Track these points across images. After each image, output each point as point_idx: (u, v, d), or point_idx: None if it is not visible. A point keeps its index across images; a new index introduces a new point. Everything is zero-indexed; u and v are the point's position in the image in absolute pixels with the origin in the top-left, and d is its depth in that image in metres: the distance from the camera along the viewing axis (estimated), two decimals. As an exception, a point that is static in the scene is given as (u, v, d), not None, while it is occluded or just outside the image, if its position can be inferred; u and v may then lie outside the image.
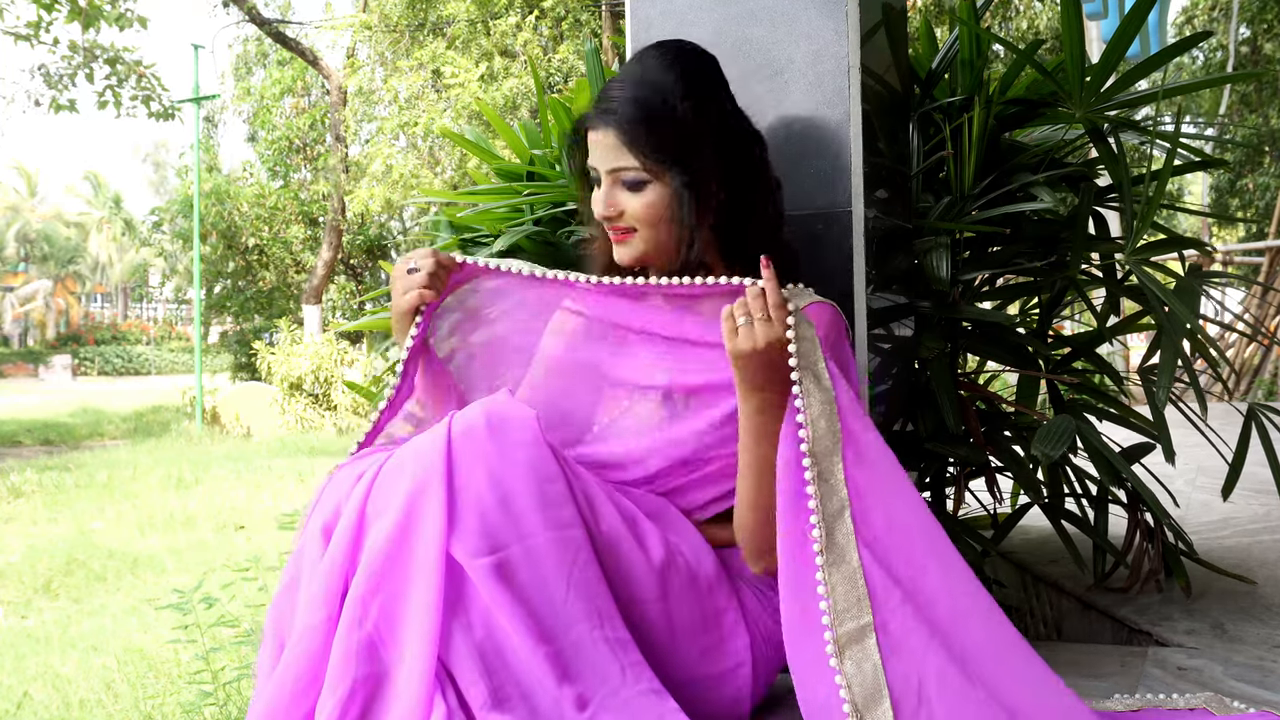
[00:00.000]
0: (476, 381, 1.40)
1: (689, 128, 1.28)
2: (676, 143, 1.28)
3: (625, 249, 1.33)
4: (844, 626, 1.08)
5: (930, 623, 1.09)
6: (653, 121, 1.27)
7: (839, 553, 1.10)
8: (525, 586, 1.07)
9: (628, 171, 1.28)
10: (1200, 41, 1.87)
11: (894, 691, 1.06)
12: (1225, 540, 2.32)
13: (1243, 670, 1.45)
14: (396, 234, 19.55)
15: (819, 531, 1.10)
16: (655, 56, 1.32)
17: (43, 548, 5.43)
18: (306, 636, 1.08)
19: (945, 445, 1.70)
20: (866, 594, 1.09)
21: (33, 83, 11.01)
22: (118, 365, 36.54)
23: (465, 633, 1.06)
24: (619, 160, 1.28)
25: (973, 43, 1.75)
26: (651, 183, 1.28)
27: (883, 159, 1.62)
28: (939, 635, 1.09)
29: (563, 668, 1.07)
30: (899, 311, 1.69)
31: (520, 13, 13.44)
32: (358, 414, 11.96)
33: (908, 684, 1.07)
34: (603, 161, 1.30)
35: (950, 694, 1.07)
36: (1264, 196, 13.54)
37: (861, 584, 1.10)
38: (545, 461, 1.13)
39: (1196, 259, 3.01)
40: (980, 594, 1.14)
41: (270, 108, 18.70)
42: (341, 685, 1.03)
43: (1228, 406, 4.82)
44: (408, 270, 1.31)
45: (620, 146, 1.27)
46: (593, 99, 1.35)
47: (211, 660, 2.42)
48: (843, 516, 1.11)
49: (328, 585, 1.09)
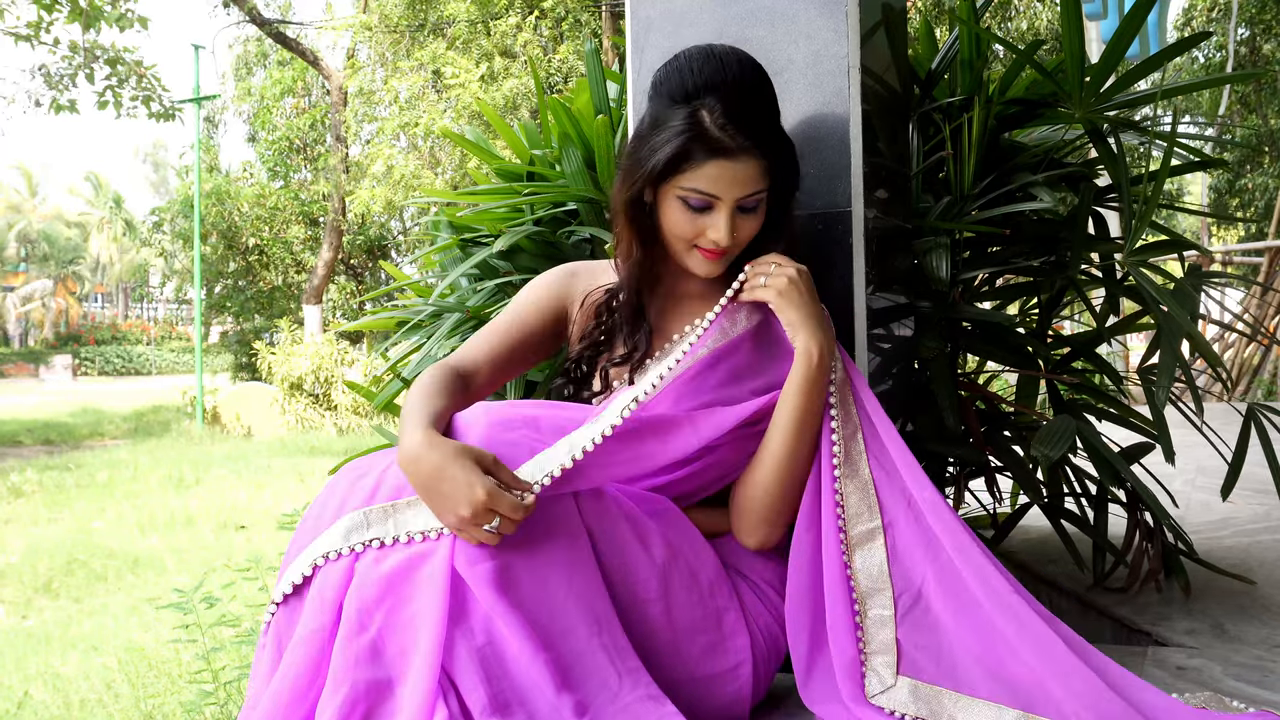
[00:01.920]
0: None
1: (789, 141, 1.32)
2: (792, 160, 1.31)
3: (718, 265, 1.31)
4: (856, 529, 1.24)
5: (932, 542, 1.21)
6: (782, 146, 1.28)
7: (853, 466, 1.26)
8: (524, 593, 1.08)
9: (755, 195, 1.27)
10: (1200, 42, 1.87)
11: (895, 585, 1.22)
12: (1225, 540, 2.32)
13: (1242, 670, 1.46)
14: (397, 234, 19.56)
15: (838, 448, 1.25)
16: (742, 71, 1.27)
17: (43, 548, 5.43)
18: (307, 641, 1.08)
19: (945, 445, 1.70)
20: (877, 502, 1.24)
21: (33, 83, 11.03)
22: (118, 365, 36.54)
23: (467, 639, 1.06)
24: (752, 187, 1.26)
25: (973, 43, 1.75)
26: (762, 201, 1.29)
27: (883, 159, 1.62)
28: (942, 554, 1.20)
29: (562, 674, 1.07)
30: (899, 311, 1.69)
31: (520, 13, 13.45)
32: (358, 414, 11.97)
33: (909, 583, 1.21)
34: (733, 191, 1.25)
35: (950, 601, 1.19)
36: (1264, 196, 13.54)
37: (873, 494, 1.25)
38: None
39: (1196, 259, 3.02)
40: (978, 544, 1.23)
41: (270, 108, 18.71)
42: (342, 690, 1.03)
43: (1227, 406, 4.82)
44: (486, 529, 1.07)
45: (759, 175, 1.25)
46: (664, 116, 1.25)
47: (212, 660, 2.43)
48: (856, 438, 1.27)
49: (331, 591, 1.09)
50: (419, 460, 1.08)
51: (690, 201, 1.26)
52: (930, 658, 1.20)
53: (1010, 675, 1.16)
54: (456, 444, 1.09)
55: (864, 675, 1.19)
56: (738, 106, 1.23)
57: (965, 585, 1.20)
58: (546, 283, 1.45)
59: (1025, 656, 1.15)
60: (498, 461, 1.09)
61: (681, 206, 1.27)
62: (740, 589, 1.29)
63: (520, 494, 1.07)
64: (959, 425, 1.69)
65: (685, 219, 1.27)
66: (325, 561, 1.10)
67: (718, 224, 1.26)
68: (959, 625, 1.19)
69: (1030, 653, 1.15)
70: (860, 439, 1.27)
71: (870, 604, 1.21)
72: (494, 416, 1.16)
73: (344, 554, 1.10)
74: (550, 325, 1.43)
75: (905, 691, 1.17)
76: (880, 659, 1.19)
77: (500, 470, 1.08)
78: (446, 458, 1.07)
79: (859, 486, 1.25)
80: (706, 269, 1.31)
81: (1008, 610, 1.17)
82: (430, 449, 1.08)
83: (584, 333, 1.42)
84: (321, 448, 9.98)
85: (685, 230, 1.28)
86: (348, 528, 1.11)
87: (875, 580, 1.22)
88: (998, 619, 1.17)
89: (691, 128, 1.23)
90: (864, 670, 1.19)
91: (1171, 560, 1.85)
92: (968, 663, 1.18)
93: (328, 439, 10.90)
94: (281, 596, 1.13)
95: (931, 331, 1.69)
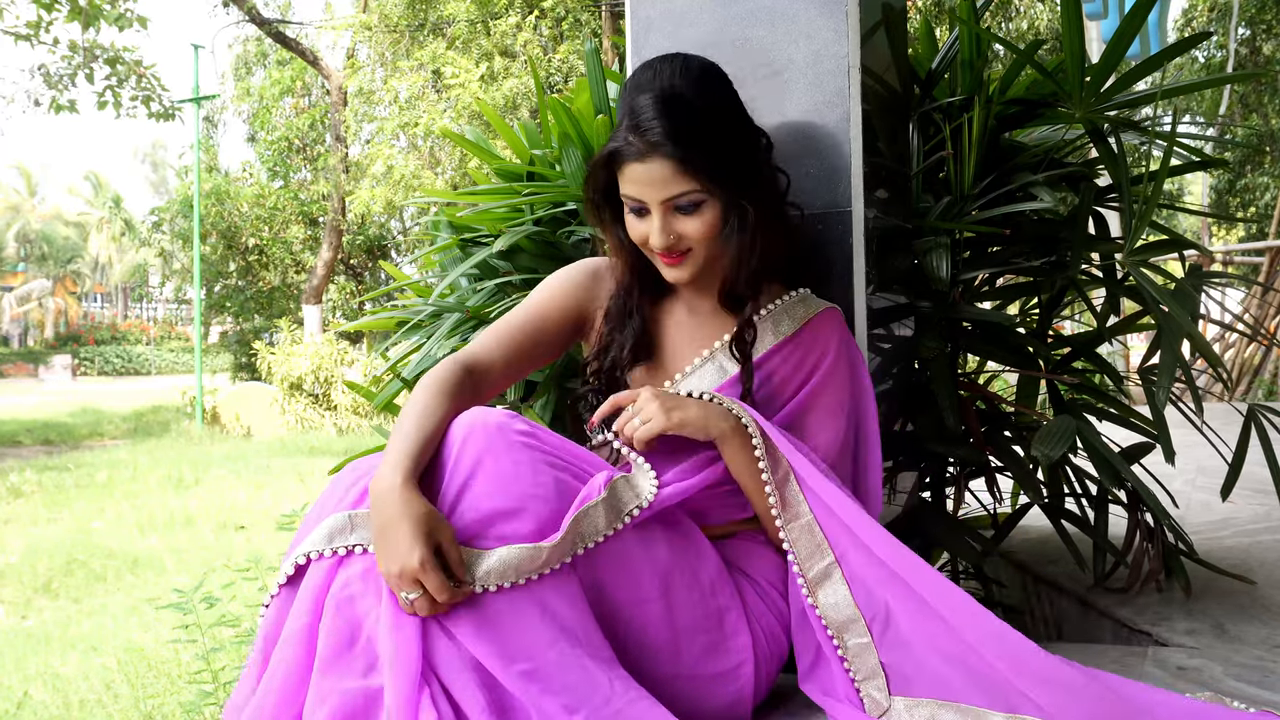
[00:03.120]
0: None
1: (733, 139, 1.30)
2: (727, 157, 1.28)
3: (680, 270, 1.32)
4: (812, 570, 1.25)
5: (883, 564, 1.21)
6: (702, 142, 1.25)
7: (793, 511, 1.27)
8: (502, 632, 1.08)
9: (684, 196, 1.26)
10: (1200, 42, 1.87)
11: (865, 613, 1.23)
12: (1225, 540, 2.32)
13: (1243, 670, 1.45)
14: (397, 234, 19.55)
15: (773, 498, 1.26)
16: (673, 73, 1.28)
17: (43, 548, 5.43)
18: (293, 640, 1.08)
19: (945, 445, 1.70)
20: (824, 539, 1.25)
21: (33, 83, 11.03)
22: (118, 365, 36.54)
23: (458, 646, 1.06)
24: (674, 188, 1.26)
25: (973, 43, 1.75)
26: (706, 201, 1.27)
27: (883, 159, 1.62)
28: (895, 576, 1.21)
29: (543, 683, 1.06)
30: (899, 311, 1.69)
31: (520, 13, 13.45)
32: (358, 414, 11.97)
33: (874, 608, 1.22)
34: (654, 193, 1.26)
35: (913, 618, 1.19)
36: (1264, 196, 13.54)
37: (819, 532, 1.25)
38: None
39: (1196, 259, 3.02)
40: (918, 559, 1.23)
41: (270, 108, 18.70)
42: (329, 701, 1.04)
43: (1227, 406, 4.81)
44: (405, 596, 1.07)
45: (674, 175, 1.25)
46: (615, 126, 1.29)
47: (212, 660, 2.43)
48: (789, 481, 1.27)
49: (315, 592, 1.10)
50: (380, 501, 1.08)
51: (631, 207, 1.30)
52: (915, 672, 1.20)
53: (986, 679, 1.15)
54: (419, 506, 1.07)
55: (861, 703, 1.21)
56: (652, 111, 1.24)
57: (922, 599, 1.20)
58: (570, 280, 1.43)
59: (993, 659, 1.15)
60: (454, 541, 1.07)
61: (631, 216, 1.31)
62: (743, 589, 1.28)
63: (456, 582, 1.06)
64: (959, 425, 1.69)
65: (634, 225, 1.31)
66: (307, 561, 1.11)
67: (652, 227, 1.28)
68: (930, 637, 1.19)
69: (995, 655, 1.15)
70: (793, 481, 1.27)
71: (848, 635, 1.23)
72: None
73: (326, 555, 1.10)
74: (570, 325, 1.42)
75: (901, 710, 1.18)
76: (872, 684, 1.21)
77: (451, 549, 1.06)
78: (403, 514, 1.06)
79: (803, 528, 1.26)
80: (673, 275, 1.33)
81: (964, 613, 1.17)
82: (393, 494, 1.07)
83: (601, 338, 1.42)
84: (321, 448, 9.98)
85: (637, 236, 1.31)
86: (331, 530, 1.11)
87: (843, 612, 1.23)
88: (957, 624, 1.18)
89: (614, 137, 1.27)
90: (860, 698, 1.21)
91: (1172, 560, 1.85)
92: (945, 671, 1.18)
93: (327, 439, 10.90)
94: (269, 597, 1.15)
95: (931, 331, 1.69)
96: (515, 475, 1.11)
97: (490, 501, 1.10)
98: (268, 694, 1.07)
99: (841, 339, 1.38)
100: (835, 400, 1.36)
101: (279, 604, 1.13)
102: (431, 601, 1.04)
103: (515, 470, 1.11)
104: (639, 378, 1.39)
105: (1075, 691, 1.10)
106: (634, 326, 1.38)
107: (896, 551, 1.22)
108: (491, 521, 1.09)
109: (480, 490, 1.10)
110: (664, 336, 1.41)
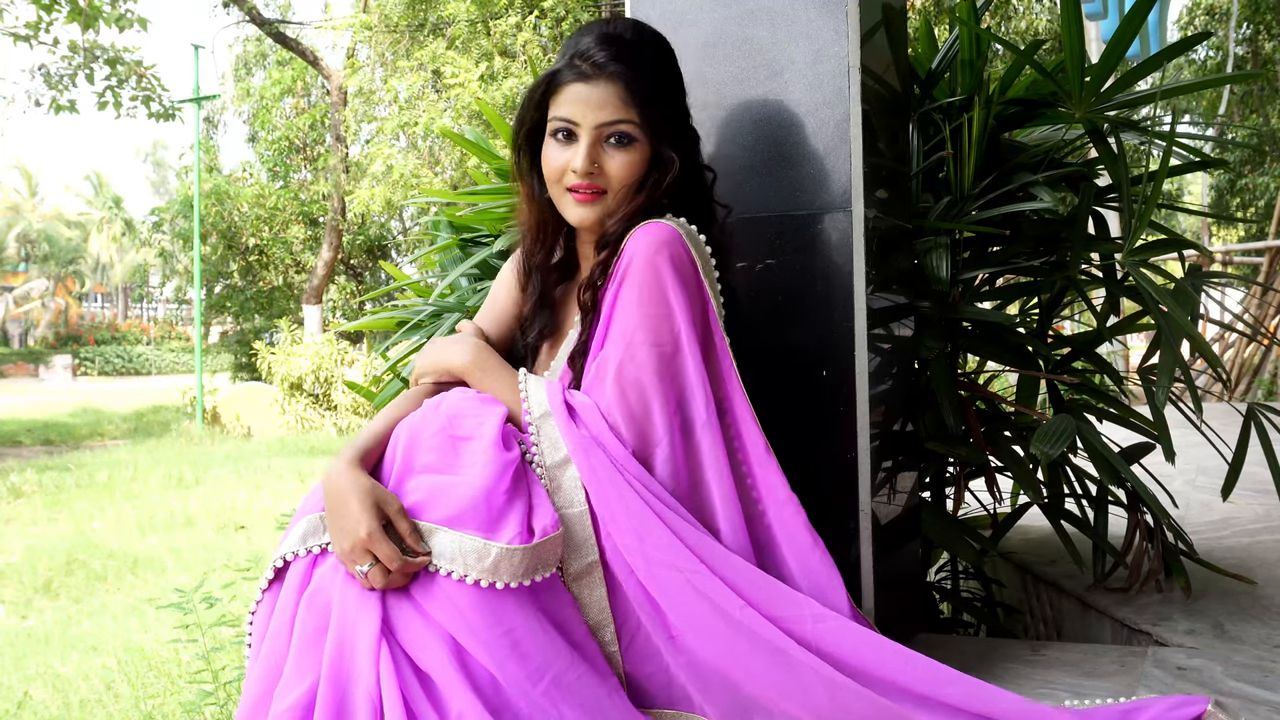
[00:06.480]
0: None
1: (676, 94, 1.33)
2: (666, 109, 1.30)
3: (588, 210, 1.30)
4: (573, 566, 1.18)
5: (650, 561, 1.16)
6: (648, 81, 1.28)
7: (566, 497, 1.18)
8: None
9: (620, 125, 1.27)
10: (1200, 42, 1.87)
11: (617, 618, 1.18)
12: (1225, 540, 2.32)
13: (1242, 670, 1.45)
14: (396, 234, 19.56)
15: (546, 481, 1.18)
16: (624, 27, 1.31)
17: (43, 548, 5.43)
18: (274, 637, 1.11)
19: (945, 445, 1.70)
20: (592, 534, 1.17)
21: (33, 83, 11.01)
22: (118, 365, 36.52)
23: (409, 600, 1.10)
24: (615, 114, 1.27)
25: (973, 43, 1.75)
26: (637, 142, 1.29)
27: (883, 159, 1.62)
28: (669, 578, 1.15)
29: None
30: (899, 311, 1.69)
31: (520, 13, 13.44)
32: (358, 414, 11.97)
33: (628, 615, 1.17)
34: (591, 115, 1.27)
35: (683, 624, 1.15)
36: (1264, 196, 13.54)
37: (588, 524, 1.17)
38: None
39: (1196, 259, 3.01)
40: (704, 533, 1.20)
41: (270, 108, 18.70)
42: (293, 692, 1.06)
43: (1227, 406, 4.82)
44: (358, 568, 1.10)
45: (619, 101, 1.26)
46: (581, 49, 1.28)
47: (212, 660, 2.43)
48: (566, 466, 1.19)
49: (292, 593, 1.13)
50: (330, 486, 1.13)
51: (558, 134, 1.29)
52: (659, 685, 1.19)
53: (745, 687, 1.15)
54: (364, 480, 1.11)
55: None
56: (603, 42, 1.27)
57: (701, 605, 1.16)
58: (510, 261, 1.49)
59: (756, 668, 1.14)
60: (402, 511, 1.10)
61: (553, 144, 1.30)
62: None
63: (414, 553, 1.08)
64: (959, 425, 1.69)
65: (556, 153, 1.30)
66: (285, 564, 1.15)
67: (577, 151, 1.28)
68: (699, 645, 1.17)
69: (763, 663, 1.14)
70: (571, 468, 1.19)
71: (601, 634, 1.19)
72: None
73: (301, 555, 1.14)
74: (517, 303, 1.46)
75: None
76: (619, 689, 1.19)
77: (400, 520, 1.09)
78: (350, 490, 1.10)
79: (575, 518, 1.18)
80: (577, 213, 1.31)
81: (740, 626, 1.15)
82: (340, 476, 1.12)
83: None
84: (321, 448, 9.98)
85: (557, 165, 1.30)
86: (305, 531, 1.15)
87: (599, 614, 1.19)
88: (732, 634, 1.15)
89: (560, 59, 1.29)
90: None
91: (1171, 560, 1.85)
92: (703, 680, 1.17)
93: (327, 439, 10.90)
94: (254, 603, 1.18)
95: (931, 331, 1.69)
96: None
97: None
98: (251, 688, 1.10)
99: (652, 248, 1.22)
100: (620, 327, 1.22)
101: (264, 607, 1.16)
102: (385, 572, 1.07)
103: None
104: (545, 350, 1.41)
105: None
106: (533, 294, 1.40)
107: (690, 532, 1.18)
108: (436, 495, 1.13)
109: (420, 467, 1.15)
110: (564, 308, 1.42)
